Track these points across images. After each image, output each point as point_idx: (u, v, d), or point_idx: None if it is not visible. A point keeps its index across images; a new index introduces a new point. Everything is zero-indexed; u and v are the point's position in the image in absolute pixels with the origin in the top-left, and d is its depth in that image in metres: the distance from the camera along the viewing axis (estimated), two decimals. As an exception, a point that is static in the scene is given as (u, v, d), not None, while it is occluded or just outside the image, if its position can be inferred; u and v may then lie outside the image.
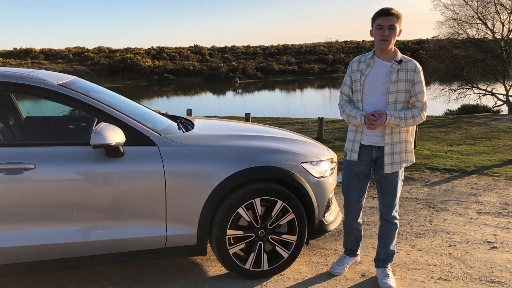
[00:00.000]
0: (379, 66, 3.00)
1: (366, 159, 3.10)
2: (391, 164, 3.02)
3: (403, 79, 2.94)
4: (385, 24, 2.89)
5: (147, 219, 2.98)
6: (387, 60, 2.99)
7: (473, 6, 20.91)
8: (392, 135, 3.00)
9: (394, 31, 2.90)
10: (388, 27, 2.89)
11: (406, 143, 3.06)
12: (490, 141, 10.19)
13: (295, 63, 57.81)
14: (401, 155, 3.03)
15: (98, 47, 59.55)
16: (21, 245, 2.78)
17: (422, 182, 6.20)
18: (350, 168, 3.17)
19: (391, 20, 2.89)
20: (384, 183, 3.11)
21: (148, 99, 37.79)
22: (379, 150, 3.05)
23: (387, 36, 2.89)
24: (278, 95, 40.63)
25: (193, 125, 3.63)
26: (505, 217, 4.63)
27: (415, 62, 3.00)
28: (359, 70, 3.05)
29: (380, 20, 2.90)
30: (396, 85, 2.95)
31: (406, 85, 2.95)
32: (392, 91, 2.95)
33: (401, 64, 2.96)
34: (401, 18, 2.93)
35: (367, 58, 3.05)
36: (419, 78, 2.97)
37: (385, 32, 2.89)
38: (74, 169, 2.83)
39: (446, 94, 22.62)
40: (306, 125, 13.85)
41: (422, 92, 2.98)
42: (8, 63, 47.23)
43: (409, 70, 2.95)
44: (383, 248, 3.24)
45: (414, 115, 2.95)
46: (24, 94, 3.14)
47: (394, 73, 2.94)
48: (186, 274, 3.38)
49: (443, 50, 22.31)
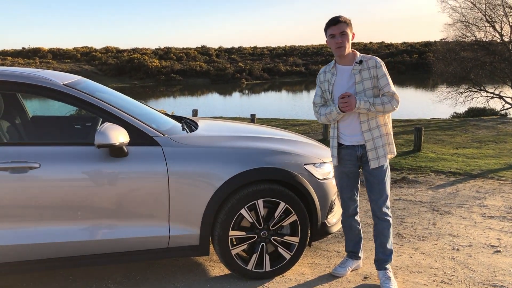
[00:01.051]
0: (342, 71, 3.15)
1: (351, 158, 3.20)
2: (376, 158, 3.12)
3: (367, 77, 3.08)
4: (336, 32, 3.05)
5: (150, 219, 3.00)
6: (348, 64, 3.14)
7: (481, 8, 20.80)
8: (371, 131, 3.11)
9: (346, 36, 3.06)
10: (339, 34, 3.05)
11: (387, 135, 3.17)
12: (496, 145, 10.13)
13: (302, 64, 57.78)
14: (384, 148, 3.13)
15: (105, 47, 59.89)
16: (26, 243, 2.81)
17: (427, 185, 6.18)
18: (339, 170, 3.28)
19: (341, 27, 3.05)
20: (370, 179, 3.19)
21: (154, 100, 37.92)
22: (362, 149, 3.15)
23: (341, 42, 3.05)
24: (284, 96, 40.63)
25: (197, 126, 3.65)
26: (509, 221, 4.61)
27: (375, 58, 3.13)
28: (326, 81, 3.21)
29: (331, 29, 3.08)
30: (361, 85, 3.08)
31: (372, 82, 3.08)
32: (359, 91, 3.09)
33: (362, 64, 3.09)
34: (350, 23, 3.11)
35: (330, 67, 3.22)
36: (382, 72, 3.10)
37: (338, 39, 3.05)
38: (79, 168, 2.86)
39: (453, 97, 22.49)
40: (311, 126, 13.85)
41: (387, 84, 3.10)
42: (17, 62, 47.62)
43: (371, 67, 3.09)
44: (380, 247, 3.26)
45: (383, 101, 3.06)
46: (30, 94, 3.17)
47: (357, 74, 3.09)
48: (188, 274, 3.40)
49: (451, 53, 22.18)
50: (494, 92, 22.10)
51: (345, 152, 3.20)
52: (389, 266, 3.26)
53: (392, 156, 3.21)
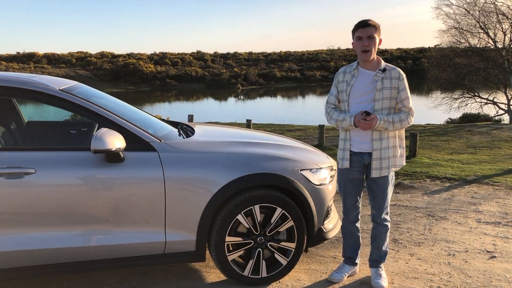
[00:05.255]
0: (364, 75, 3.12)
1: (357, 165, 3.20)
2: (379, 169, 3.12)
3: (388, 86, 3.06)
4: (363, 35, 3.04)
5: (146, 224, 2.98)
6: (371, 69, 3.12)
7: (475, 15, 21.00)
8: (381, 141, 3.10)
9: (373, 40, 3.05)
10: (367, 38, 3.04)
11: (396, 148, 3.16)
12: (491, 150, 10.19)
13: (297, 70, 57.87)
14: (390, 160, 3.13)
15: (101, 52, 59.73)
16: (21, 249, 2.79)
17: (422, 190, 6.20)
18: (344, 175, 3.28)
19: (369, 31, 3.03)
20: (374, 187, 3.21)
21: (150, 105, 37.85)
22: (369, 157, 3.15)
23: (367, 46, 3.04)
24: (279, 101, 40.67)
25: (194, 131, 3.64)
26: (504, 227, 4.62)
27: (398, 69, 3.12)
28: (344, 81, 3.18)
29: (359, 32, 3.06)
30: (381, 93, 3.06)
31: (391, 92, 3.07)
32: (378, 98, 3.07)
33: (385, 72, 3.08)
34: (379, 28, 3.09)
35: (352, 68, 3.19)
36: (404, 85, 3.09)
37: (364, 42, 3.04)
38: (74, 174, 2.84)
39: (447, 103, 22.65)
40: (307, 132, 13.87)
41: (407, 98, 3.10)
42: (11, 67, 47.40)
43: (393, 77, 3.07)
44: (376, 249, 3.34)
45: (401, 119, 3.06)
46: (26, 99, 3.16)
47: (379, 81, 3.07)
48: (184, 280, 3.38)
49: (445, 59, 22.36)
50: (488, 98, 22.27)
51: (352, 158, 3.20)
52: (382, 265, 3.35)
53: (396, 169, 3.19)
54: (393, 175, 3.23)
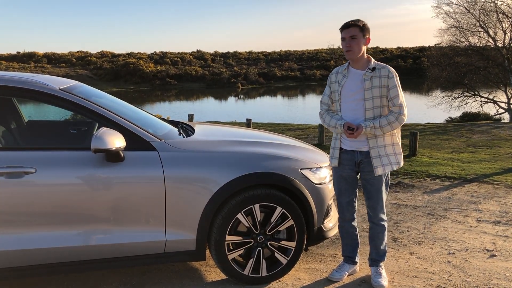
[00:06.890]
0: (354, 75, 3.16)
1: (349, 163, 3.22)
2: (381, 166, 3.13)
3: (377, 85, 3.09)
4: (346, 35, 3.10)
5: (146, 224, 2.99)
6: (361, 68, 3.15)
7: (475, 14, 20.97)
8: (376, 138, 3.13)
9: (355, 40, 3.08)
10: (349, 38, 3.08)
11: (393, 146, 3.18)
12: (491, 149, 10.19)
13: (297, 69, 57.83)
14: (389, 157, 3.15)
15: (101, 51, 59.72)
16: (21, 249, 2.79)
17: (422, 189, 6.20)
18: (338, 173, 3.30)
19: (351, 31, 3.08)
20: (368, 187, 3.22)
21: (150, 104, 37.84)
22: (361, 155, 3.17)
23: (349, 46, 3.08)
24: (279, 101, 40.67)
25: (194, 131, 3.65)
26: (504, 226, 4.63)
27: (389, 68, 3.14)
28: (336, 81, 3.23)
29: (343, 33, 3.13)
30: (370, 92, 3.09)
31: (381, 90, 3.09)
32: (367, 97, 3.10)
33: (375, 71, 3.10)
34: (366, 28, 3.12)
35: (343, 69, 3.23)
36: (394, 83, 3.10)
37: (347, 43, 3.08)
38: (75, 173, 2.85)
39: (447, 102, 22.62)
40: (307, 131, 13.86)
41: (397, 96, 3.10)
42: (12, 66, 47.39)
43: (383, 76, 3.09)
44: (374, 249, 3.35)
45: (389, 121, 3.08)
46: (27, 99, 3.16)
47: (367, 81, 3.10)
48: (184, 279, 3.39)
49: (445, 58, 22.32)
50: (488, 97, 22.25)
51: (344, 156, 3.23)
52: (382, 264, 3.36)
53: (398, 167, 3.20)
54: (388, 174, 3.24)
